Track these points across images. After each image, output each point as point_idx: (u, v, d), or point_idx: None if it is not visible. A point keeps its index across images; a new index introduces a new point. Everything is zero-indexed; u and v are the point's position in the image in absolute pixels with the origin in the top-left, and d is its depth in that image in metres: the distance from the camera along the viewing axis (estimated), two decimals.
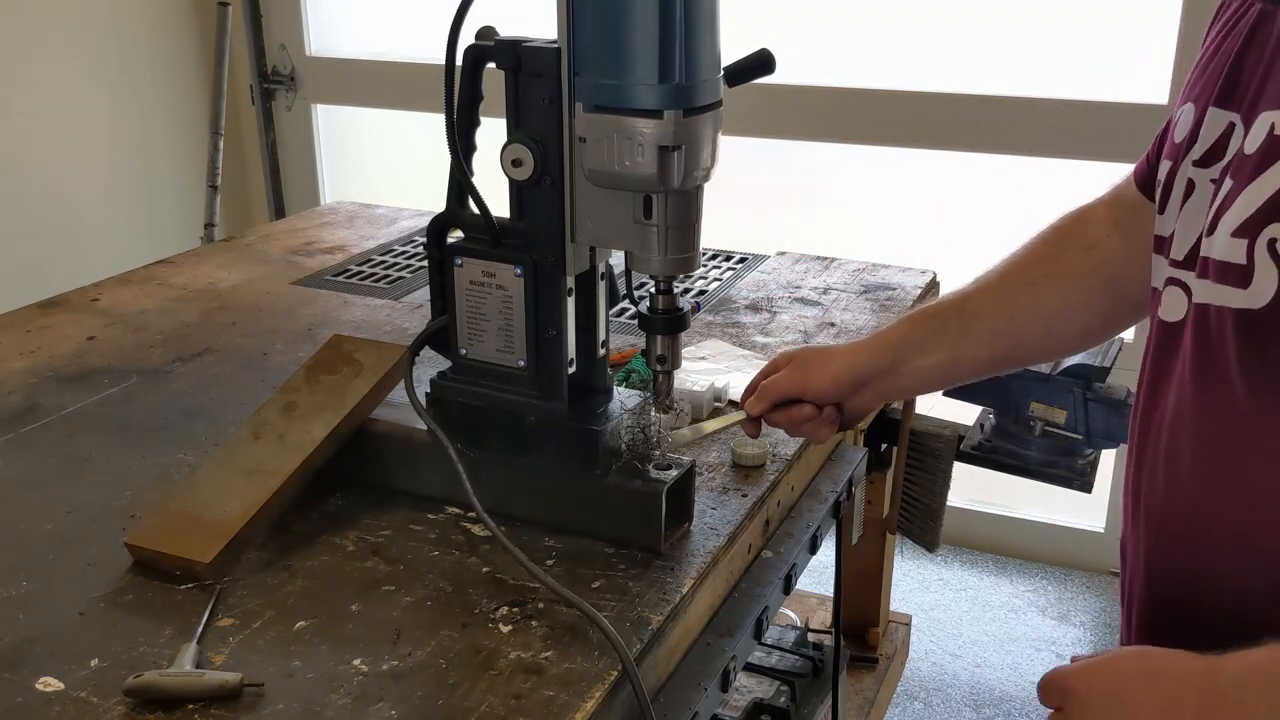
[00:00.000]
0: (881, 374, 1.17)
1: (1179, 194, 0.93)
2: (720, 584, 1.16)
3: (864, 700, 2.03)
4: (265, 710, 0.91)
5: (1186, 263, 0.90)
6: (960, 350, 1.16)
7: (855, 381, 1.17)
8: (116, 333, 1.70)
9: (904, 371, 1.17)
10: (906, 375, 1.17)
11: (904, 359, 1.17)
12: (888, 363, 1.17)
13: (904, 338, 1.17)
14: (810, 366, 1.18)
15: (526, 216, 1.11)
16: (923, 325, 1.18)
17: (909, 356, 1.17)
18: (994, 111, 2.68)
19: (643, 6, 0.96)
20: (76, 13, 2.95)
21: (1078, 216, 1.18)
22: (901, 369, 1.17)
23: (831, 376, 1.17)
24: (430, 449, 1.16)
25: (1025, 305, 1.15)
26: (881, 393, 1.19)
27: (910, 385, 1.22)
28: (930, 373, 1.18)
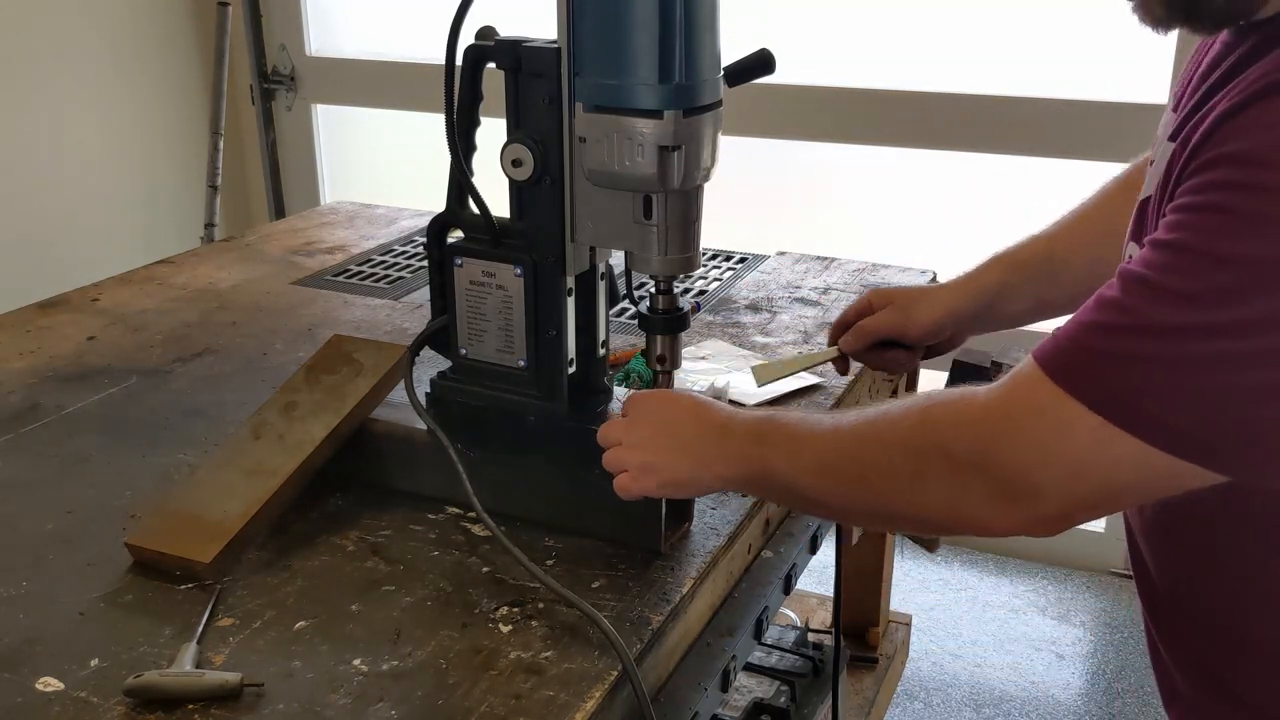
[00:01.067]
0: (973, 319, 1.22)
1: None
2: (720, 584, 1.16)
3: (864, 700, 2.03)
4: (265, 710, 0.91)
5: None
6: (1048, 296, 1.21)
7: (953, 325, 1.22)
8: (116, 333, 1.70)
9: (996, 316, 1.22)
10: (997, 319, 1.23)
11: (998, 304, 1.22)
12: (981, 306, 1.22)
13: (999, 284, 1.22)
14: (911, 310, 1.22)
15: (526, 216, 1.11)
16: (1017, 273, 1.22)
17: (1002, 302, 1.22)
18: (994, 111, 2.68)
19: (643, 6, 0.96)
20: (76, 13, 2.95)
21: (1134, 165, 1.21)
22: (994, 314, 1.22)
23: (934, 321, 1.21)
24: (430, 449, 1.16)
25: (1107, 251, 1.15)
26: (971, 332, 1.25)
27: (997, 326, 1.26)
28: (1018, 316, 1.24)
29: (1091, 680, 2.58)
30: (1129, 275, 0.76)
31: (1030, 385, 0.79)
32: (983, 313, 1.22)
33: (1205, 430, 0.73)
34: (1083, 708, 2.48)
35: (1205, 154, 0.76)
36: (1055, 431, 0.77)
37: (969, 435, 0.82)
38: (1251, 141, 0.72)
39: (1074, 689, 2.54)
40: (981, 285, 1.22)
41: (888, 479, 0.88)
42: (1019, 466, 0.79)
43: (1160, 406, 0.73)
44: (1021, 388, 0.80)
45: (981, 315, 1.22)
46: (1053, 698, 2.50)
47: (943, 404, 0.86)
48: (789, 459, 0.94)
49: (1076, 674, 2.60)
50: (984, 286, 1.22)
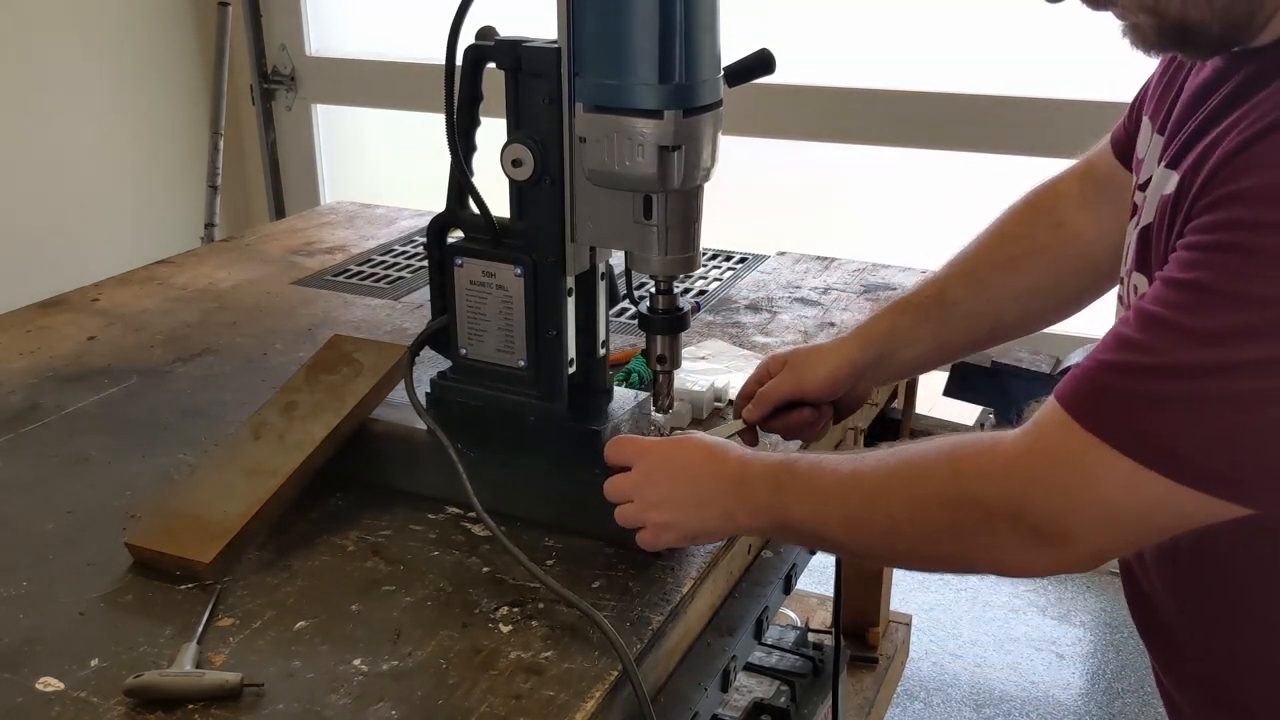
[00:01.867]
0: (872, 366, 1.20)
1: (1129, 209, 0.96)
2: (720, 584, 1.16)
3: (864, 700, 2.03)
4: (265, 710, 0.91)
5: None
6: (944, 337, 1.20)
7: (851, 376, 1.19)
8: (116, 333, 1.70)
9: (893, 362, 1.21)
10: (896, 366, 1.22)
11: (892, 351, 1.20)
12: (876, 356, 1.20)
13: (889, 330, 1.21)
14: (805, 368, 1.19)
15: (526, 216, 1.11)
16: (907, 317, 1.21)
17: (896, 349, 1.20)
18: (994, 111, 2.68)
19: (643, 6, 0.96)
20: (76, 13, 2.95)
21: (1047, 191, 1.21)
22: (891, 360, 1.20)
23: (828, 375, 1.18)
24: (430, 449, 1.16)
25: (1000, 287, 1.18)
26: (873, 381, 1.22)
27: (899, 372, 1.26)
28: (917, 361, 1.23)
29: (1091, 680, 2.58)
30: (1147, 315, 0.76)
31: (1058, 431, 0.79)
32: (879, 360, 1.20)
33: (1234, 468, 0.74)
34: (1083, 708, 2.48)
35: (1215, 191, 0.76)
36: (1086, 478, 0.78)
37: (1001, 486, 0.82)
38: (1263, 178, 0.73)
39: (1074, 689, 2.54)
40: (872, 333, 1.21)
41: (922, 532, 0.88)
42: (1052, 514, 0.80)
43: (1190, 447, 0.74)
44: (1049, 434, 0.80)
45: (878, 363, 1.20)
46: (1053, 698, 2.50)
47: (971, 453, 0.86)
48: (812, 510, 0.94)
49: (1076, 674, 2.60)
50: (875, 334, 1.20)
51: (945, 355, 1.25)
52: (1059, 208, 1.18)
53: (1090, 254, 1.14)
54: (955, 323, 1.20)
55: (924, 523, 0.88)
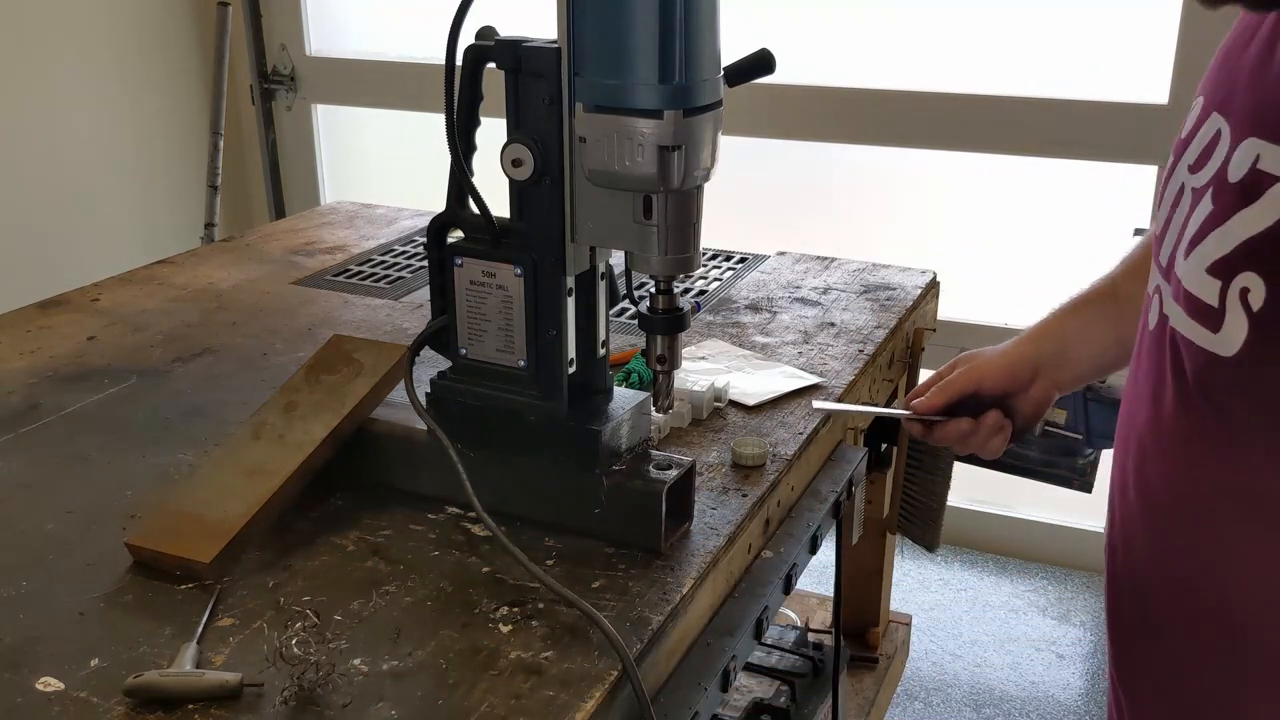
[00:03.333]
0: (1050, 363, 1.17)
1: (1171, 194, 0.90)
2: (720, 584, 1.16)
3: (864, 700, 2.03)
4: (265, 710, 0.91)
5: (1165, 272, 0.88)
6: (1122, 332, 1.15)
7: (1027, 371, 1.16)
8: (116, 333, 1.70)
9: (1074, 360, 1.17)
10: (1075, 363, 1.18)
11: (1068, 346, 1.17)
12: (1054, 351, 1.17)
13: (1064, 327, 1.18)
14: (981, 362, 1.18)
15: (526, 216, 1.11)
16: (1082, 314, 1.18)
17: (1076, 344, 1.17)
18: (994, 111, 2.68)
19: (643, 6, 0.96)
20: (76, 13, 2.95)
21: None
22: (1069, 356, 1.17)
23: (1004, 368, 1.17)
24: (430, 449, 1.16)
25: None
26: (1055, 382, 1.18)
27: (1083, 372, 1.21)
28: (1099, 360, 1.19)
29: (1091, 680, 2.58)
30: None
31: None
32: (1056, 356, 1.17)
33: None
34: (1083, 708, 2.48)
35: None
36: None
37: None
38: None
39: (1074, 689, 2.54)
40: (1048, 329, 1.19)
41: None
42: None
43: None
44: None
45: (1056, 358, 1.17)
46: (1053, 698, 2.51)
47: None
48: None
49: (1076, 674, 2.60)
50: (1050, 330, 1.18)
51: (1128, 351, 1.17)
52: None
53: None
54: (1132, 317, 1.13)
55: None
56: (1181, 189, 0.88)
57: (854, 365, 1.59)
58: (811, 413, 1.35)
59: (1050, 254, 2.72)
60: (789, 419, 1.42)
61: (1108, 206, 2.65)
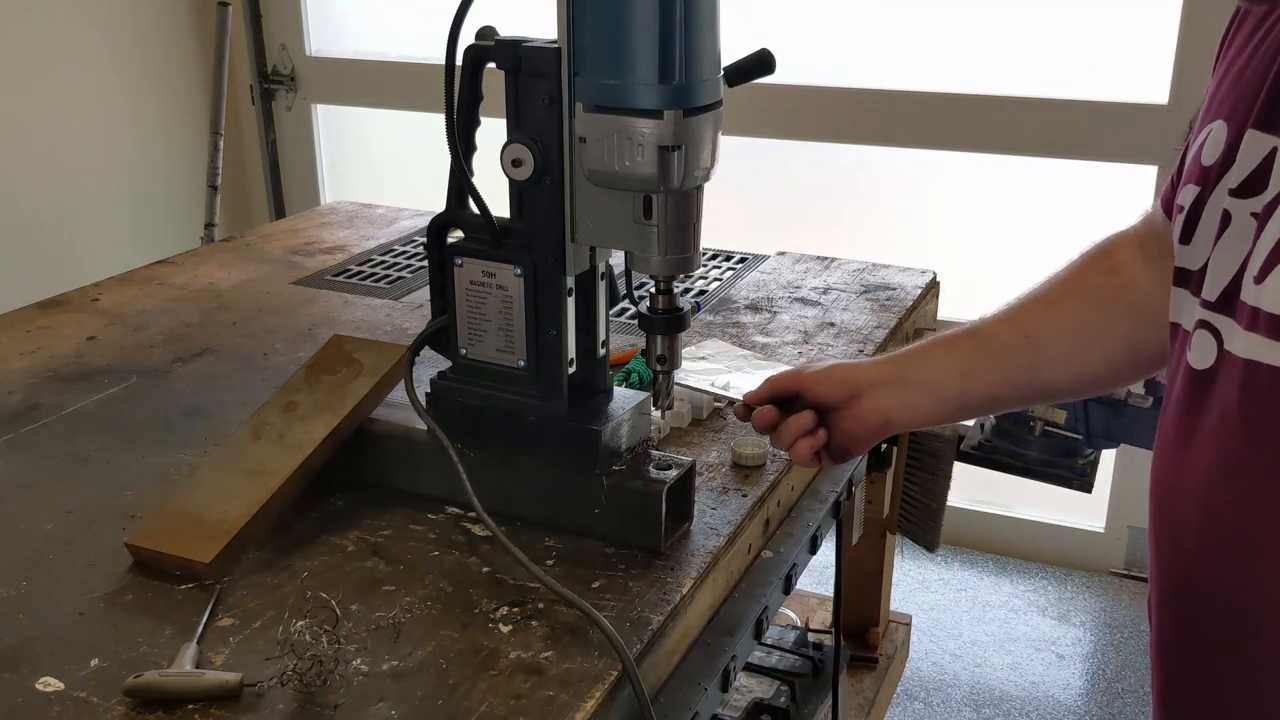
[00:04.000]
0: (884, 383, 1.11)
1: (1211, 225, 0.84)
2: (720, 584, 1.16)
3: (864, 700, 2.03)
4: (265, 710, 0.91)
5: (1220, 305, 0.82)
6: (972, 364, 1.10)
7: (852, 383, 1.11)
8: (116, 333, 1.70)
9: (911, 383, 1.11)
10: (914, 388, 1.11)
11: (909, 370, 1.11)
12: (891, 373, 1.11)
13: (911, 352, 1.14)
14: (815, 367, 1.14)
15: (526, 216, 1.11)
16: (933, 344, 1.14)
17: (915, 369, 1.11)
18: (994, 111, 2.68)
19: (643, 6, 0.96)
20: (76, 13, 2.95)
21: (1104, 243, 1.13)
22: (908, 381, 1.11)
23: (830, 376, 1.11)
24: (430, 449, 1.16)
25: (1041, 323, 1.09)
26: (884, 408, 1.11)
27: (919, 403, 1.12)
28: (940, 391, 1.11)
29: (1091, 680, 2.58)
30: None
31: None
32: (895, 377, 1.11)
33: None
34: (1083, 708, 2.48)
35: None
36: None
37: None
38: None
39: (1074, 689, 2.54)
40: (895, 355, 1.14)
41: None
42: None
43: None
44: None
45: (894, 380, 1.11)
46: (1053, 698, 2.51)
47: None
48: None
49: (1076, 674, 2.60)
50: (893, 355, 1.14)
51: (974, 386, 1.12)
52: (1114, 253, 1.10)
53: (1144, 303, 1.05)
54: (985, 351, 1.11)
55: None
56: (1226, 216, 0.83)
57: None
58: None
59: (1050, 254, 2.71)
60: None
61: (1108, 206, 2.66)
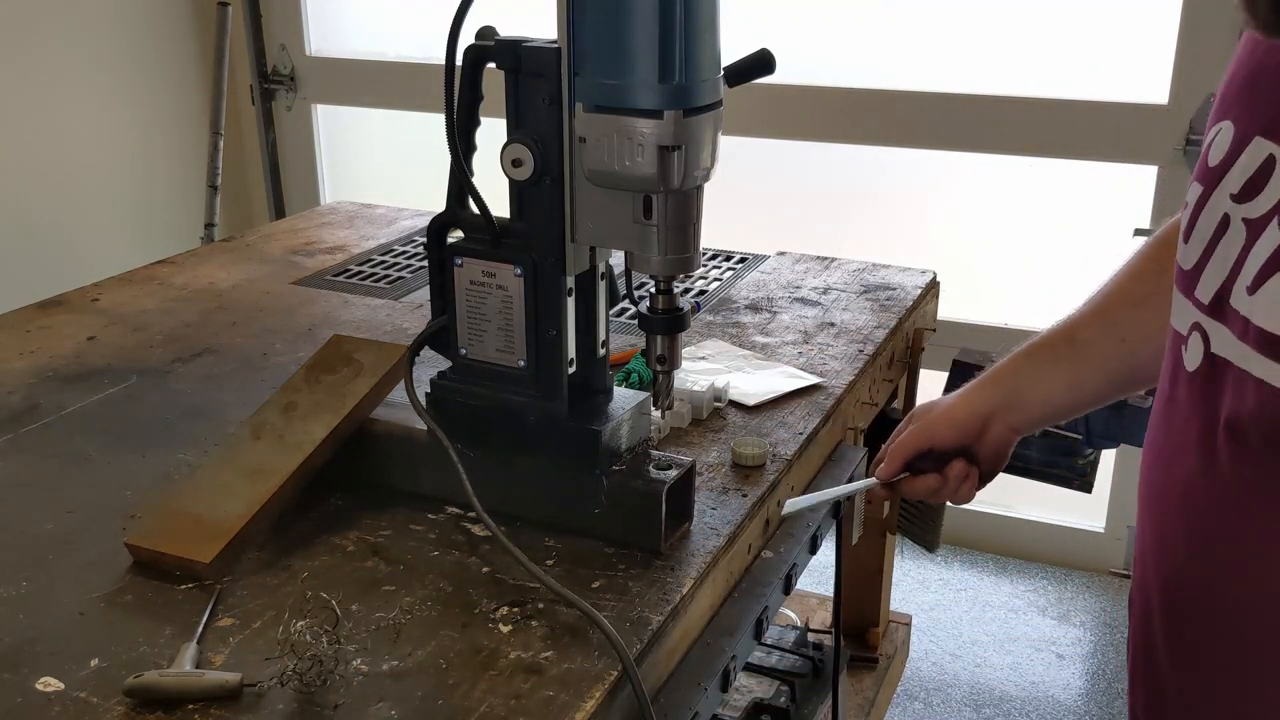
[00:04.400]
0: (1003, 409, 1.15)
1: (1209, 226, 0.85)
2: (720, 584, 1.16)
3: (864, 700, 2.03)
4: (265, 710, 0.91)
5: (1212, 309, 0.83)
6: (1076, 377, 1.15)
7: (977, 419, 1.15)
8: (116, 333, 1.70)
9: (1023, 403, 1.16)
10: (1030, 406, 1.16)
11: (1022, 390, 1.16)
12: (1004, 396, 1.15)
13: (1016, 371, 1.16)
14: (931, 416, 1.17)
15: (526, 216, 1.11)
16: (1035, 357, 1.16)
17: (1027, 388, 1.16)
18: (994, 111, 2.68)
19: (643, 6, 0.96)
20: (76, 13, 2.95)
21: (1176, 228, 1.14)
22: (1022, 401, 1.16)
23: (954, 420, 1.15)
24: (430, 449, 1.16)
25: (1134, 326, 1.12)
26: (1011, 426, 1.17)
27: (1037, 415, 1.19)
28: (1053, 403, 1.17)
29: (1091, 680, 2.58)
30: None
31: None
32: (1006, 402, 1.16)
33: None
34: (1083, 708, 2.48)
35: None
36: None
37: None
38: None
39: (1074, 689, 2.54)
40: (997, 376, 1.17)
41: None
42: None
43: None
44: None
45: (1005, 405, 1.16)
46: (1053, 698, 2.51)
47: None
48: None
49: (1076, 674, 2.60)
50: (999, 376, 1.17)
51: (1081, 396, 1.17)
52: None
53: None
54: (1088, 362, 1.14)
55: None
56: (1225, 220, 0.83)
57: (854, 365, 1.59)
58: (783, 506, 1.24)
59: (1050, 254, 2.72)
60: (789, 419, 1.42)
61: (1108, 206, 2.66)
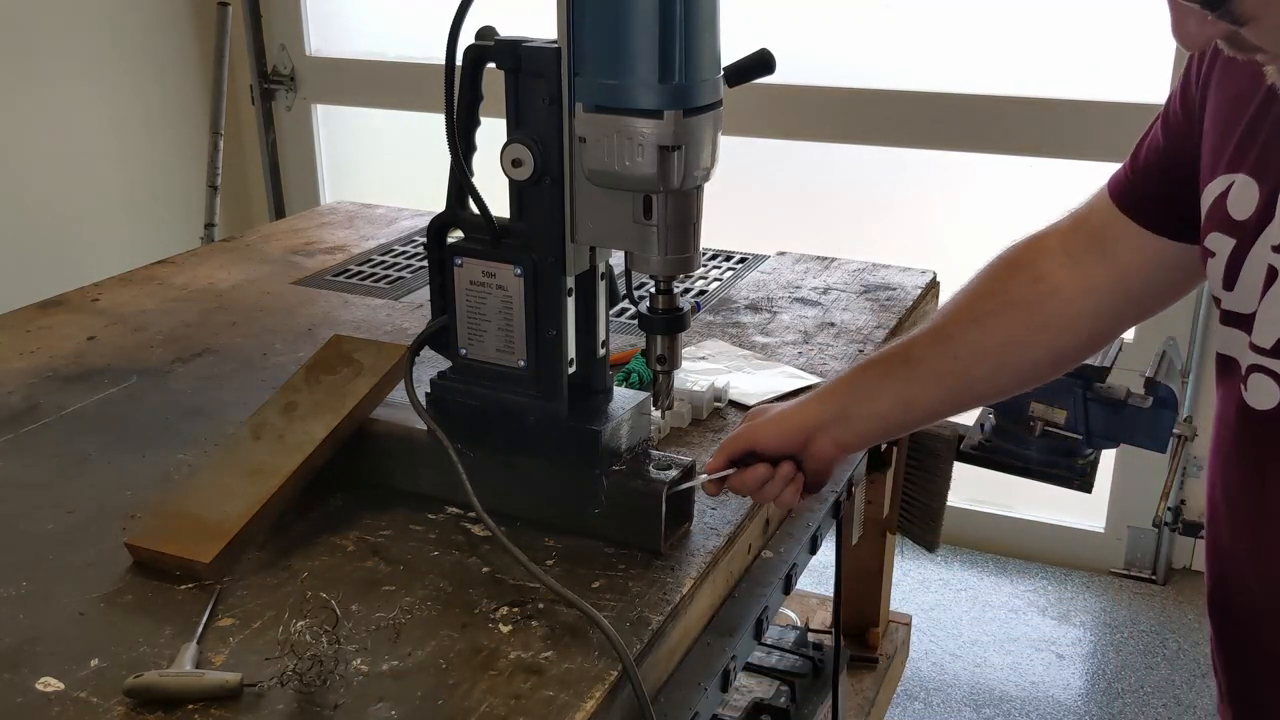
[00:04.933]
0: (831, 422, 1.13)
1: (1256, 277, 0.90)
2: (720, 584, 1.16)
3: (864, 700, 2.03)
4: (265, 710, 0.91)
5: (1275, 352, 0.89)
6: (910, 394, 1.14)
7: (803, 430, 1.12)
8: (116, 333, 1.70)
9: (855, 418, 1.13)
10: (859, 421, 1.14)
11: (852, 406, 1.14)
12: (834, 411, 1.13)
13: (849, 386, 1.15)
14: (760, 421, 1.15)
15: (526, 216, 1.11)
16: (869, 373, 1.15)
17: (856, 403, 1.14)
18: (994, 111, 2.68)
19: (643, 6, 0.96)
20: (76, 13, 2.95)
21: (1026, 246, 1.14)
22: (850, 415, 1.13)
23: (779, 427, 1.13)
24: (430, 449, 1.16)
25: (968, 343, 1.12)
26: (837, 442, 1.14)
27: (867, 431, 1.16)
28: (884, 419, 1.15)
29: (1091, 680, 2.58)
30: None
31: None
32: (835, 416, 1.13)
33: None
34: (1083, 708, 2.48)
35: None
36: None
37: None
38: None
39: (1074, 689, 2.54)
40: (831, 390, 1.16)
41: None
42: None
43: None
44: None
45: (834, 419, 1.13)
46: (1053, 698, 2.51)
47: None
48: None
49: (1076, 674, 2.60)
50: (832, 391, 1.16)
51: (912, 412, 1.16)
52: (1038, 262, 1.12)
53: (1068, 312, 1.09)
54: (921, 379, 1.13)
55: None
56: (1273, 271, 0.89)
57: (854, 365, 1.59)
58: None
59: None
60: None
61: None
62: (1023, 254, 1.14)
